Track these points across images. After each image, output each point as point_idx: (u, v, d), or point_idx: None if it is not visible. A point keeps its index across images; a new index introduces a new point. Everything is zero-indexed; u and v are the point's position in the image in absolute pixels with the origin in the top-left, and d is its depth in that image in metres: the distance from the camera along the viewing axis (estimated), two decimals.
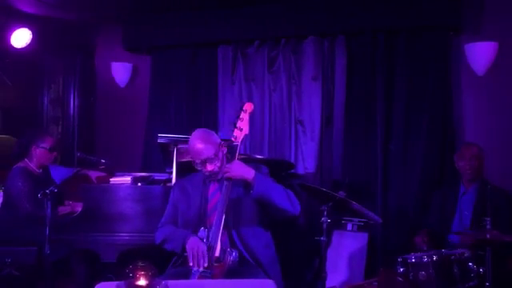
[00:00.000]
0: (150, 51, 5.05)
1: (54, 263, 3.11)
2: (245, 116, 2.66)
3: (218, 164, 2.65)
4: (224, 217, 2.50)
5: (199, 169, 2.69)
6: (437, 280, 2.65)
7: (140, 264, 1.93)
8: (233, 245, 2.56)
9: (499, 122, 4.05)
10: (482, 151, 3.42)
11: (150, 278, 1.90)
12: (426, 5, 4.05)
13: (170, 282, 2.00)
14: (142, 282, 1.88)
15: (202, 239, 2.52)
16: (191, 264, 2.46)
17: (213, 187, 2.72)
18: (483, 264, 2.72)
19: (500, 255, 2.85)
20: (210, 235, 2.50)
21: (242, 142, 2.61)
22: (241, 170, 2.53)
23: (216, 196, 2.65)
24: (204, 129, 2.79)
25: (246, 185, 2.57)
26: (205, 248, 2.47)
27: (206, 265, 2.44)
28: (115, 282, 1.97)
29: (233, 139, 2.61)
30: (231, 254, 2.48)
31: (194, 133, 2.74)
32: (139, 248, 3.31)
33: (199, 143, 2.64)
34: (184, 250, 2.54)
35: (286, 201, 2.57)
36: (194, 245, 2.49)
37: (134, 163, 4.85)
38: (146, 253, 3.18)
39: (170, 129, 4.58)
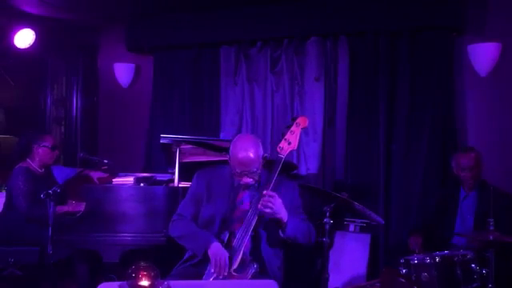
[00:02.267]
0: (153, 52, 5.06)
1: (57, 263, 3.12)
2: (296, 130, 2.53)
3: (256, 178, 2.54)
4: (251, 229, 2.45)
5: (235, 176, 2.56)
6: (439, 281, 2.64)
7: (142, 264, 1.93)
8: (255, 257, 2.50)
9: (502, 123, 4.04)
10: (480, 155, 3.35)
11: (152, 278, 1.90)
12: (429, 5, 4.04)
13: (173, 283, 2.00)
14: (145, 282, 1.89)
15: (223, 242, 2.47)
16: (212, 270, 2.41)
17: (242, 194, 2.61)
18: (486, 265, 2.70)
19: (503, 257, 2.84)
20: (234, 244, 2.45)
21: (286, 155, 2.50)
22: (281, 211, 2.44)
23: (244, 205, 2.56)
24: (254, 137, 2.62)
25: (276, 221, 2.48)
26: (227, 256, 2.41)
27: (226, 274, 2.39)
28: (117, 283, 1.97)
29: (278, 150, 2.51)
30: (252, 267, 2.43)
31: (243, 137, 2.58)
32: (142, 248, 3.31)
33: (249, 153, 2.47)
34: (205, 254, 2.46)
35: (307, 239, 2.58)
36: (218, 252, 2.42)
37: (136, 164, 4.85)
38: (149, 253, 3.20)
39: (173, 129, 4.58)
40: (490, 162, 3.63)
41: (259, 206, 2.41)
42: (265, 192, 2.42)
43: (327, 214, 2.62)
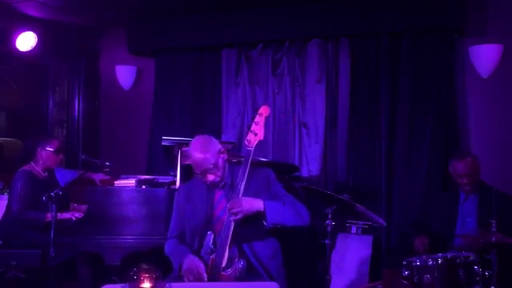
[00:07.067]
0: (155, 54, 5.07)
1: (59, 266, 3.11)
2: (260, 120, 2.57)
3: (219, 173, 2.57)
4: (232, 227, 2.46)
5: (200, 178, 2.63)
6: (442, 283, 2.63)
7: (144, 266, 1.93)
8: (241, 254, 2.51)
9: (503, 123, 4.04)
10: (477, 160, 3.28)
11: (153, 280, 1.90)
12: (431, 7, 4.05)
13: (174, 285, 2.00)
14: (146, 284, 1.89)
15: (209, 248, 2.49)
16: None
17: (218, 193, 2.65)
18: (489, 267, 2.70)
19: (505, 258, 2.83)
20: (218, 243, 2.46)
21: (255, 147, 2.52)
22: (251, 205, 2.45)
23: (222, 203, 2.59)
24: (203, 136, 2.67)
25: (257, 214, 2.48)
26: (201, 265, 2.43)
27: (205, 280, 2.40)
28: (119, 285, 1.97)
29: (246, 143, 2.54)
30: (239, 263, 2.44)
31: (193, 141, 2.63)
32: (144, 251, 3.31)
33: (198, 153, 2.54)
34: (180, 269, 2.49)
35: (297, 219, 2.55)
36: (190, 266, 2.44)
37: (138, 166, 4.85)
38: (151, 255, 3.20)
39: (174, 131, 4.59)
40: (492, 163, 3.63)
41: (230, 218, 2.45)
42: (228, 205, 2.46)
43: (329, 215, 2.61)
